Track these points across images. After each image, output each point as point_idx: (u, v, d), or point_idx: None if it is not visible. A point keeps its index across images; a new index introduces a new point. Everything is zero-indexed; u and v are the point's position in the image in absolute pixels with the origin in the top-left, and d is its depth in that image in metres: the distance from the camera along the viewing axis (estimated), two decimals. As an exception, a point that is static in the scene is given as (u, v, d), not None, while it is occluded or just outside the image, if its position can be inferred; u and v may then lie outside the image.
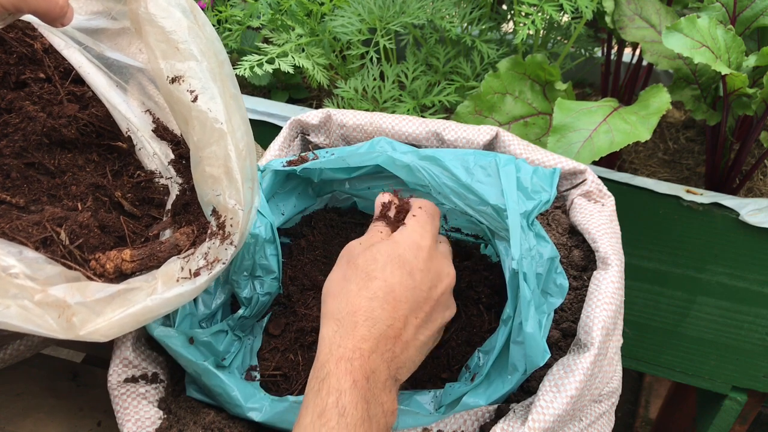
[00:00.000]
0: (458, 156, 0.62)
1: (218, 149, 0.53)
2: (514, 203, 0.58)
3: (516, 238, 0.56)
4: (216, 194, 0.54)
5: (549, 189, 0.60)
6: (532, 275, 0.56)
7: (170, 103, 0.54)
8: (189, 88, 0.53)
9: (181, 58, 0.53)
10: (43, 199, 0.61)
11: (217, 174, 0.53)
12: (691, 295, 1.05)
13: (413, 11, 1.02)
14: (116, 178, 0.67)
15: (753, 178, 1.10)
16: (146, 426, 0.61)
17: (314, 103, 1.27)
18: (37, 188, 0.61)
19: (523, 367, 0.55)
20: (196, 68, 0.53)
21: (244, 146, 0.55)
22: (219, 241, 0.54)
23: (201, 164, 0.54)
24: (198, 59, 0.53)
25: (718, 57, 0.84)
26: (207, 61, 0.54)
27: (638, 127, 0.82)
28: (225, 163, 0.53)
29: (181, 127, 0.56)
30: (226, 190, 0.54)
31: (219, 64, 0.55)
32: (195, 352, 0.62)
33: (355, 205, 0.76)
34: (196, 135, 0.53)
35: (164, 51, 0.53)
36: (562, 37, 1.16)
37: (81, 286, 0.52)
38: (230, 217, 0.54)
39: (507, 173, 0.60)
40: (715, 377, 1.12)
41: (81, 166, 0.65)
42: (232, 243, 0.54)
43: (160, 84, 0.54)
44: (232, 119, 0.54)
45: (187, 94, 0.53)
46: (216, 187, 0.54)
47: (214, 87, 0.53)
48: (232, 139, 0.53)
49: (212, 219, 0.55)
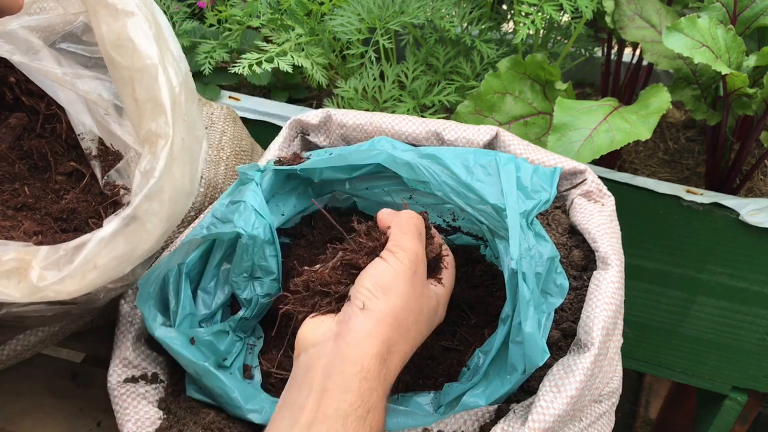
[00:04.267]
0: (458, 154, 0.62)
1: (149, 80, 0.55)
2: (514, 202, 0.58)
3: (515, 237, 0.56)
4: (152, 122, 0.56)
5: (549, 188, 0.60)
6: (531, 275, 0.56)
7: (111, 57, 0.56)
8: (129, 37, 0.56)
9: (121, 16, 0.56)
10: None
11: (144, 98, 0.55)
12: (691, 295, 1.04)
13: (413, 11, 1.02)
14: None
15: (753, 178, 1.10)
16: (146, 426, 0.61)
17: (314, 103, 1.27)
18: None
19: (522, 366, 0.55)
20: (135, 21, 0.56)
21: (178, 85, 0.57)
22: (148, 164, 0.55)
23: (129, 88, 0.56)
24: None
25: (718, 57, 0.84)
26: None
27: (638, 126, 0.82)
28: (154, 93, 0.55)
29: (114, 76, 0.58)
30: (159, 118, 0.55)
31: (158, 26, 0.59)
32: (196, 353, 0.62)
33: (355, 205, 0.76)
34: (125, 62, 0.55)
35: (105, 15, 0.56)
36: (562, 37, 1.16)
37: (31, 249, 0.53)
38: (158, 143, 0.55)
39: (507, 172, 0.60)
40: (715, 377, 1.12)
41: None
42: (155, 167, 0.55)
43: (100, 42, 0.56)
44: (164, 58, 0.57)
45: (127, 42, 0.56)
46: (148, 115, 0.56)
47: (149, 32, 0.56)
48: (164, 72, 0.56)
49: (137, 146, 0.56)
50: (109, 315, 0.77)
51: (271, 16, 1.09)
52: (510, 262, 0.56)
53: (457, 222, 0.72)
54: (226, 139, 0.88)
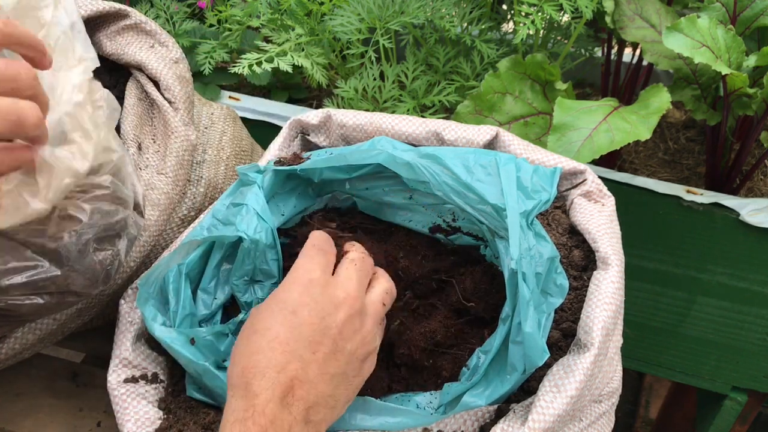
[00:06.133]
0: (458, 154, 0.62)
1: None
2: (514, 202, 0.58)
3: (515, 237, 0.56)
4: None
5: (549, 188, 0.60)
6: (531, 275, 0.56)
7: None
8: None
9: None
10: None
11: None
12: (691, 295, 1.05)
13: (413, 11, 1.02)
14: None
15: (753, 178, 1.10)
16: (146, 426, 0.61)
17: (314, 103, 1.27)
18: None
19: (522, 366, 0.55)
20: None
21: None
22: None
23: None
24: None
25: (718, 57, 0.84)
26: None
27: (638, 126, 0.82)
28: None
29: None
30: None
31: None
32: (196, 353, 0.62)
33: (355, 205, 0.76)
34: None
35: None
36: (562, 37, 1.16)
37: None
38: None
39: (507, 172, 0.59)
40: (715, 377, 1.12)
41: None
42: None
43: None
44: None
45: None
46: None
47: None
48: None
49: None
50: (109, 315, 0.77)
51: (271, 16, 1.09)
52: (510, 262, 0.56)
53: (457, 222, 0.72)
54: (226, 139, 0.88)
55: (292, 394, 0.51)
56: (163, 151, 0.76)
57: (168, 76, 0.78)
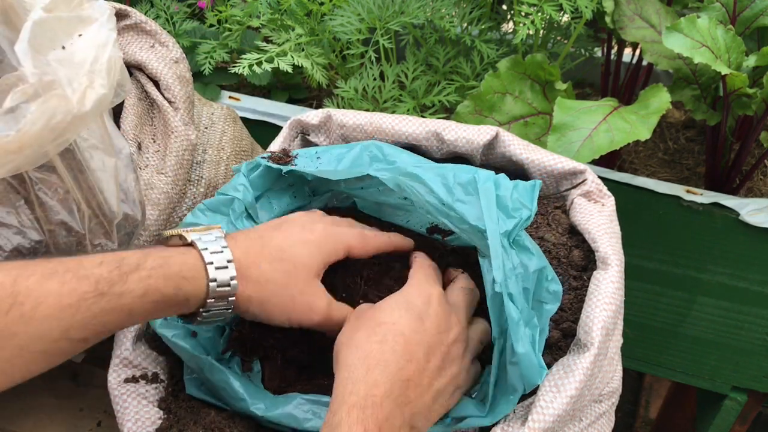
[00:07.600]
0: (438, 173, 0.61)
1: None
2: (494, 224, 0.57)
3: (498, 260, 0.55)
4: None
5: (530, 205, 0.60)
6: (518, 293, 0.55)
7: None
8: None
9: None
10: None
11: None
12: (691, 295, 1.05)
13: (413, 11, 1.02)
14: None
15: (753, 178, 1.10)
16: (146, 426, 0.61)
17: (314, 103, 1.27)
18: None
19: (522, 387, 0.55)
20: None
21: None
22: None
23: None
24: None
25: (718, 57, 0.84)
26: None
27: (638, 126, 0.82)
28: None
29: None
30: None
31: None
32: (198, 346, 0.62)
33: (355, 205, 0.76)
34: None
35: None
36: (562, 37, 1.16)
37: None
38: None
39: (486, 191, 0.59)
40: (715, 377, 1.12)
41: None
42: None
43: None
44: None
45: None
46: None
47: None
48: None
49: None
50: (109, 315, 0.76)
51: (271, 16, 1.09)
52: (495, 285, 0.55)
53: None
54: (227, 140, 0.88)
55: (405, 395, 0.51)
56: (163, 151, 0.76)
57: (168, 75, 0.78)
